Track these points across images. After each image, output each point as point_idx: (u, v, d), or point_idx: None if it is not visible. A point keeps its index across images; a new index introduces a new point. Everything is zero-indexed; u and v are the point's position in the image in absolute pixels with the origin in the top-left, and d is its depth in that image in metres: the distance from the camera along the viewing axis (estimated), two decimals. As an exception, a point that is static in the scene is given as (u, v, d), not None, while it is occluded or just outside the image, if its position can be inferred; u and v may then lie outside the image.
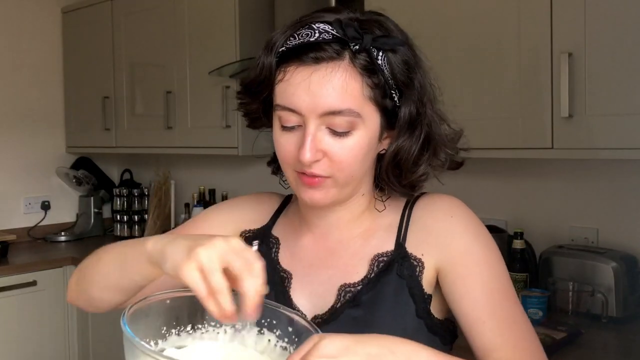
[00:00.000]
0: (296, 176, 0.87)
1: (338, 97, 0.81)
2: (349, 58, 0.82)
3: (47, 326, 2.84)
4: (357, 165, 0.86)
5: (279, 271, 0.96)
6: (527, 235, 2.00)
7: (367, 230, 0.94)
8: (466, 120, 0.98)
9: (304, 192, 0.87)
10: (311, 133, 0.83)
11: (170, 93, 2.85)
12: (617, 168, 1.92)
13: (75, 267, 3.18)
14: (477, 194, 2.18)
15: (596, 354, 1.58)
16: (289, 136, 0.86)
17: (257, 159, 1.19)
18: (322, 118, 0.82)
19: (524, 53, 1.76)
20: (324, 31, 0.82)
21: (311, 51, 0.82)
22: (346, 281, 0.91)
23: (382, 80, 0.84)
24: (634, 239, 1.88)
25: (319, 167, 0.84)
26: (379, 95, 0.84)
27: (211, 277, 0.68)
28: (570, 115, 1.66)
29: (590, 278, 1.77)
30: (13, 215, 3.27)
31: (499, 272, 0.88)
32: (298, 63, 0.83)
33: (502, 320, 0.85)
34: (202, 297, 0.69)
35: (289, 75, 0.83)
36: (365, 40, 0.82)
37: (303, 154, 0.82)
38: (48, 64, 3.41)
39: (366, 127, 0.84)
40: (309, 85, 0.81)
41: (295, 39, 0.84)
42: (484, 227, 0.91)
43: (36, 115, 3.37)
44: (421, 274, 0.88)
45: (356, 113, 0.82)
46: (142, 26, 2.99)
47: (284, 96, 0.84)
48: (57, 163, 3.45)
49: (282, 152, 0.87)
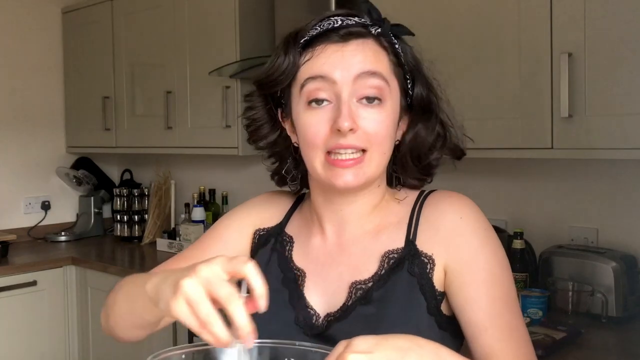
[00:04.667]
0: (325, 161, 0.87)
1: (371, 62, 0.86)
2: (374, 38, 0.88)
3: (47, 326, 2.84)
4: (388, 139, 0.89)
5: (293, 269, 0.97)
6: (527, 235, 2.00)
7: (377, 226, 0.94)
8: (466, 120, 0.99)
9: (337, 176, 0.87)
10: (347, 101, 0.85)
11: (170, 93, 2.85)
12: (617, 168, 1.92)
13: (75, 267, 3.18)
14: (477, 193, 2.17)
15: (596, 354, 1.58)
16: (318, 115, 0.86)
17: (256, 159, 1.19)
18: (355, 85, 0.85)
19: (524, 53, 1.76)
20: (346, 19, 0.88)
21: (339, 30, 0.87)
22: (357, 278, 0.91)
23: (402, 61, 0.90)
24: (634, 239, 1.88)
25: (356, 138, 0.85)
26: (401, 74, 0.90)
27: (199, 308, 0.66)
28: (570, 115, 1.66)
29: (590, 278, 1.77)
30: (13, 215, 3.27)
31: (504, 280, 0.89)
32: (326, 42, 0.87)
33: (503, 328, 0.86)
34: (196, 330, 0.67)
35: (318, 51, 0.87)
36: (386, 24, 0.89)
37: (342, 122, 0.83)
38: (48, 64, 3.41)
39: (392, 101, 0.89)
40: (342, 55, 0.86)
41: (319, 28, 0.88)
42: (492, 230, 0.92)
43: (36, 115, 3.37)
44: (432, 271, 0.89)
45: (386, 80, 0.87)
46: (142, 26, 2.99)
47: (314, 68, 0.87)
48: (57, 163, 3.45)
49: (310, 132, 0.87)
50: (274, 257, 1.00)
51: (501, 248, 0.92)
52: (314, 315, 0.93)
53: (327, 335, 0.90)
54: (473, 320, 0.86)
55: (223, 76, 2.58)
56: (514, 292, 0.90)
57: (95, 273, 2.77)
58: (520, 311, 0.90)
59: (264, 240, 1.02)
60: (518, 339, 0.87)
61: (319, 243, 0.97)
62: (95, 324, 2.82)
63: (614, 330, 1.71)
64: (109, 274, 2.67)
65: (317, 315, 0.92)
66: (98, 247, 3.19)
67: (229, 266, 0.69)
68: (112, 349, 2.67)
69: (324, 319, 0.92)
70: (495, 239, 0.91)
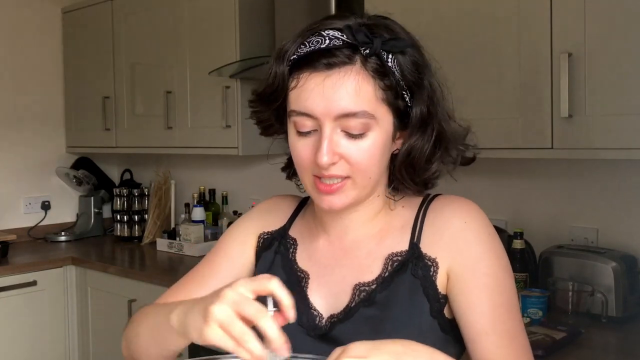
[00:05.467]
0: (313, 182, 0.88)
1: (352, 100, 0.83)
2: (360, 62, 0.84)
3: (47, 326, 2.84)
4: (374, 166, 0.87)
5: (297, 271, 0.98)
6: (527, 235, 2.00)
7: (381, 230, 0.95)
8: (466, 120, 0.99)
9: (322, 199, 0.88)
10: (327, 136, 0.84)
11: (170, 93, 2.85)
12: (617, 168, 1.92)
13: (75, 267, 3.18)
14: (477, 194, 2.17)
15: (596, 354, 1.58)
16: (305, 141, 0.87)
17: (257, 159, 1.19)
18: (337, 121, 0.84)
19: (524, 53, 1.76)
20: (334, 37, 0.84)
21: (323, 57, 0.84)
22: (360, 280, 0.92)
23: (394, 82, 0.86)
24: (634, 239, 1.88)
25: (337, 169, 0.86)
26: (391, 97, 0.86)
27: (232, 328, 0.70)
28: (570, 115, 1.66)
29: (590, 278, 1.77)
30: (13, 215, 3.27)
31: (506, 286, 0.89)
32: (311, 70, 0.85)
33: (504, 334, 0.86)
34: (233, 350, 0.70)
35: (302, 82, 0.85)
36: (375, 44, 0.84)
37: (320, 157, 0.83)
38: (48, 64, 3.41)
39: (380, 128, 0.86)
40: (322, 90, 0.83)
41: (306, 46, 0.85)
42: (496, 236, 0.92)
43: (36, 115, 3.37)
44: (435, 274, 0.89)
45: (370, 115, 0.84)
46: (142, 26, 2.99)
47: (299, 102, 0.86)
48: (57, 163, 3.45)
49: (298, 157, 0.88)
50: (278, 260, 1.01)
51: (505, 254, 0.92)
52: (317, 317, 0.93)
53: (330, 336, 0.91)
54: (474, 324, 0.87)
55: (223, 76, 2.58)
56: (516, 299, 0.91)
57: (95, 273, 2.77)
58: (521, 318, 0.91)
59: (268, 243, 1.03)
60: (518, 347, 0.87)
61: (322, 246, 0.98)
62: (95, 324, 2.82)
63: (614, 330, 1.71)
64: (109, 274, 2.67)
65: (321, 317, 0.93)
66: (98, 247, 3.19)
67: (253, 285, 0.73)
68: (112, 349, 2.67)
69: (327, 320, 0.92)
70: (499, 245, 0.92)
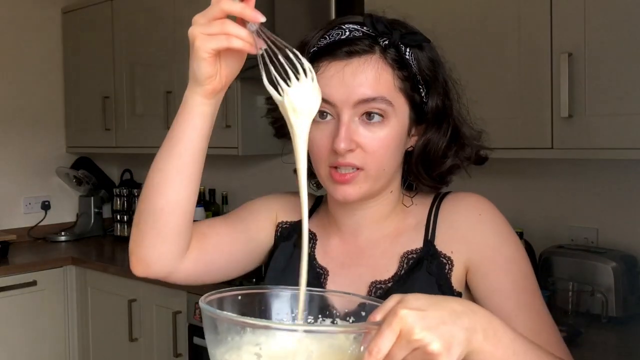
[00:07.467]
0: (329, 173, 0.89)
1: (371, 86, 0.85)
2: (380, 52, 0.87)
3: (47, 326, 2.84)
4: (388, 156, 0.88)
5: (316, 267, 0.98)
6: (527, 235, 2.00)
7: (395, 229, 0.96)
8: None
9: (336, 189, 0.89)
10: (345, 123, 0.85)
11: (170, 93, 2.85)
12: (616, 168, 1.92)
13: (75, 267, 3.17)
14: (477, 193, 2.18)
15: (596, 354, 1.58)
16: (322, 128, 0.88)
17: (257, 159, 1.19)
18: (356, 108, 0.86)
19: (524, 53, 1.76)
20: (354, 29, 0.88)
21: (344, 46, 0.86)
22: (377, 278, 0.93)
23: (411, 73, 0.88)
24: (634, 239, 1.88)
25: (353, 157, 0.86)
26: (409, 88, 0.89)
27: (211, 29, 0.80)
28: (570, 115, 1.66)
29: (590, 278, 1.77)
30: (13, 215, 3.27)
31: (527, 271, 0.91)
32: (331, 58, 0.87)
33: (533, 315, 0.88)
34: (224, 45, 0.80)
35: (322, 69, 0.87)
36: (394, 36, 0.87)
37: (338, 143, 0.84)
38: (48, 64, 3.41)
39: (397, 119, 0.88)
40: (342, 76, 0.86)
41: (327, 39, 0.88)
42: (509, 226, 0.94)
43: (36, 115, 3.37)
44: (450, 271, 0.90)
45: (388, 101, 0.86)
46: (142, 26, 2.99)
47: None
48: (57, 163, 3.45)
49: (315, 146, 0.89)
50: (297, 254, 1.00)
51: (520, 242, 0.94)
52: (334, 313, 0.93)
53: None
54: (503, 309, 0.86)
55: (223, 76, 2.58)
56: (537, 282, 0.92)
57: (95, 273, 2.77)
58: (544, 301, 0.92)
59: (287, 234, 1.04)
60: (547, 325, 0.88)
61: (337, 243, 0.99)
62: (95, 324, 2.82)
63: (614, 330, 1.71)
64: (109, 274, 2.67)
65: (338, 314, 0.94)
66: (98, 247, 3.20)
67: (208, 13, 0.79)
68: (112, 349, 2.67)
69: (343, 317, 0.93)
70: (514, 234, 0.94)
